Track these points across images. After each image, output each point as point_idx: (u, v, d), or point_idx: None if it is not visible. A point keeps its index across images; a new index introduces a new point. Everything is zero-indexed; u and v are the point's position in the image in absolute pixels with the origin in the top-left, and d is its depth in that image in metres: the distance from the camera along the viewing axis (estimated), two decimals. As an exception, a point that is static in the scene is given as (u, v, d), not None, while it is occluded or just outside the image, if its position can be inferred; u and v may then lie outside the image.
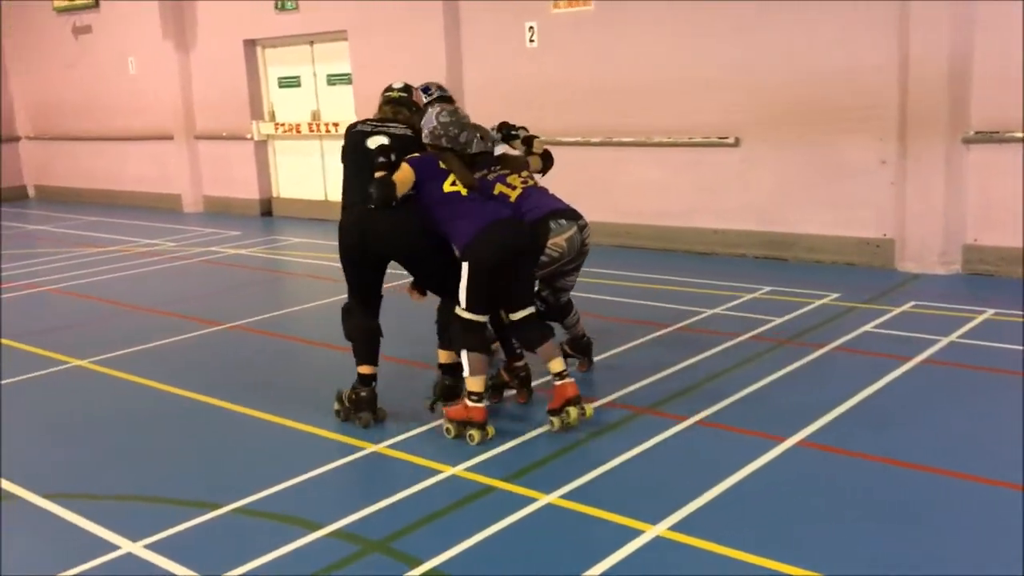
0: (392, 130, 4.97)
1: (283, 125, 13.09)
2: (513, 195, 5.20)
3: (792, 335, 6.18)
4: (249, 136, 13.32)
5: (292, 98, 13.10)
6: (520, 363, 5.18)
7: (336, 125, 12.36)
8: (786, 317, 6.61)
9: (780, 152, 8.41)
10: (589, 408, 4.86)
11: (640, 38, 9.09)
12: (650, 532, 3.67)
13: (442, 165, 4.79)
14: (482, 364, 4.69)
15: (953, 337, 5.94)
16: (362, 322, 5.04)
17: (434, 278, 5.04)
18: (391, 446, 4.68)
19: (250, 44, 13.17)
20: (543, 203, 5.25)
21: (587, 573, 3.40)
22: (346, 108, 12.21)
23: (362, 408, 4.96)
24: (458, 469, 4.34)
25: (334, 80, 12.50)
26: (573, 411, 4.71)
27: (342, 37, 11.95)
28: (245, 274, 9.40)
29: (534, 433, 4.74)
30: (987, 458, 4.21)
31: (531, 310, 4.87)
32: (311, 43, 12.61)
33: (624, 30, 9.18)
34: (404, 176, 4.71)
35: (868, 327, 6.27)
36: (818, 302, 6.99)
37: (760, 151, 8.54)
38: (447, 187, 4.75)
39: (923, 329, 6.13)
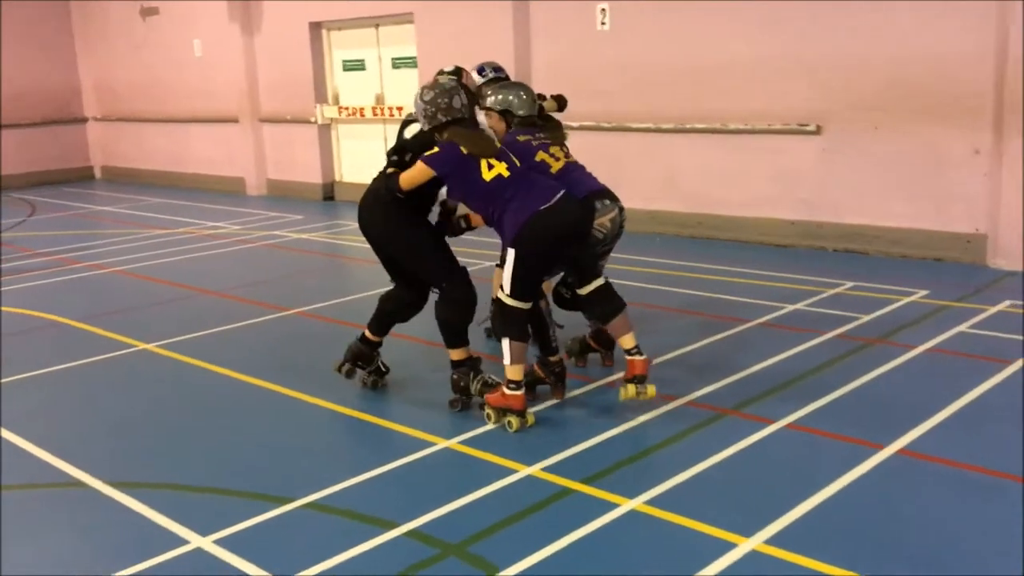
0: None
1: (347, 109, 12.99)
2: (555, 167, 4.97)
3: (882, 334, 5.86)
4: (313, 120, 13.25)
5: (356, 81, 12.99)
6: (555, 358, 4.96)
7: (400, 109, 12.20)
8: (874, 314, 6.28)
9: (864, 141, 8.04)
10: (651, 388, 4.62)
11: (716, 21, 8.76)
12: (743, 545, 3.43)
13: (464, 150, 4.53)
14: (522, 352, 4.56)
15: (1057, 340, 5.58)
16: (386, 301, 5.25)
17: (411, 273, 5.01)
18: (464, 442, 4.49)
19: (315, 27, 13.07)
20: (586, 182, 5.03)
21: (679, 588, 3.19)
22: (410, 92, 12.02)
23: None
24: (534, 469, 4.14)
25: (399, 64, 12.36)
26: (631, 387, 4.58)
27: (408, 20, 11.79)
28: (309, 259, 9.31)
29: (611, 433, 4.52)
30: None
31: (601, 282, 4.75)
32: (376, 26, 12.47)
33: (700, 13, 8.85)
34: (414, 174, 4.59)
35: (963, 327, 5.93)
36: (906, 299, 6.64)
37: (843, 139, 8.17)
38: (488, 175, 4.52)
39: (1021, 331, 5.77)
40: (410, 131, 4.85)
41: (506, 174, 4.53)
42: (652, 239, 9.17)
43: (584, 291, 4.77)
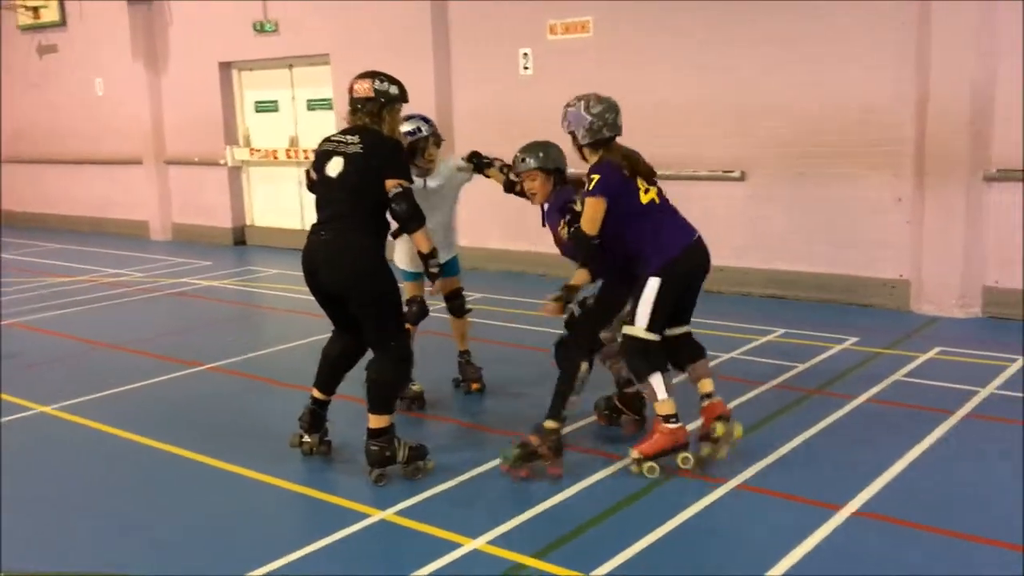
0: (346, 149, 4.42)
1: (259, 151, 12.57)
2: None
3: (820, 384, 5.78)
4: (222, 162, 12.79)
5: (269, 123, 12.60)
6: (631, 390, 4.86)
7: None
8: (809, 363, 6.21)
9: (789, 187, 8.07)
10: (738, 427, 4.57)
11: (641, 67, 8.74)
12: (711, 624, 3.21)
13: (626, 172, 4.38)
14: (670, 382, 4.41)
15: (992, 388, 5.57)
16: (326, 346, 4.84)
17: (374, 326, 4.49)
18: (401, 513, 4.16)
19: (225, 67, 12.67)
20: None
21: None
22: (326, 134, 11.69)
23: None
24: (480, 542, 3.84)
25: (314, 105, 12.03)
26: (720, 426, 4.48)
27: (324, 61, 11.50)
28: (220, 308, 8.85)
29: (561, 497, 4.25)
30: (1067, 531, 3.81)
31: (687, 328, 4.64)
32: (290, 67, 12.14)
33: (624, 58, 8.83)
34: (594, 214, 4.34)
35: (898, 376, 5.90)
36: (838, 347, 6.61)
37: (768, 186, 8.20)
38: (644, 198, 4.42)
39: (957, 379, 5.76)
40: (332, 168, 4.41)
41: (658, 200, 4.46)
42: (579, 286, 9.01)
43: (672, 333, 4.57)
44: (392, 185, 4.34)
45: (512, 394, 5.86)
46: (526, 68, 9.60)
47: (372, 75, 4.59)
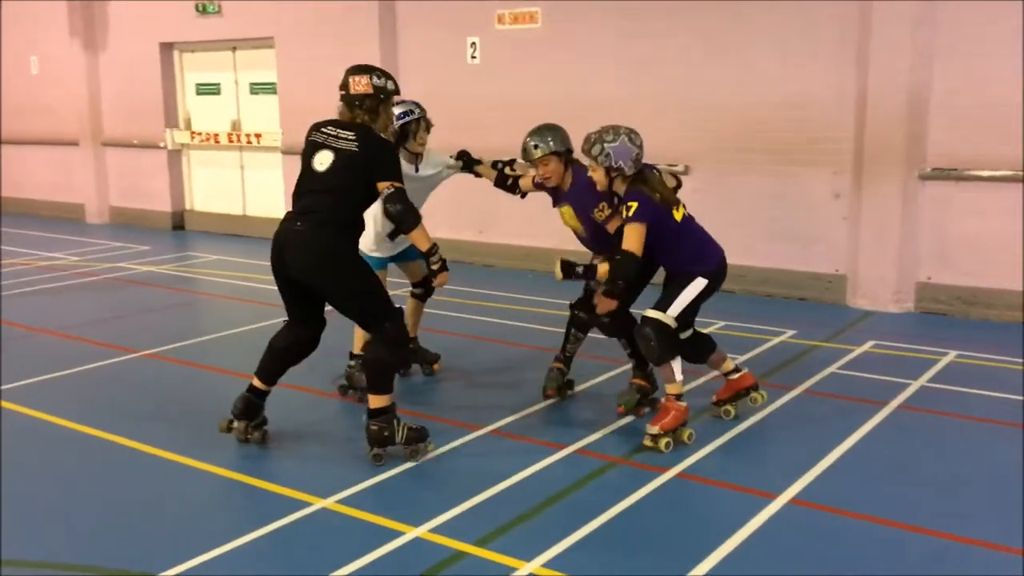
0: (338, 144, 4.41)
1: (200, 134, 12.34)
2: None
3: (758, 375, 5.82)
4: (162, 144, 12.53)
5: (210, 106, 12.37)
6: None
7: (259, 136, 11.70)
8: (748, 355, 6.32)
9: (731, 182, 8.18)
10: (763, 393, 5.23)
11: (589, 59, 8.78)
12: (650, 610, 3.25)
13: (656, 199, 4.61)
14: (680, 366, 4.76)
15: (923, 381, 5.73)
16: (277, 342, 4.74)
17: (358, 316, 4.60)
18: (343, 501, 4.14)
19: (166, 47, 12.41)
20: None
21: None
22: (270, 119, 11.57)
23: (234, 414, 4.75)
24: (422, 530, 3.84)
25: (257, 89, 11.84)
26: (757, 395, 5.19)
27: (268, 44, 11.32)
28: (158, 294, 8.68)
29: (504, 485, 4.27)
30: (984, 520, 3.93)
31: (692, 329, 5.07)
32: (234, 49, 11.93)
33: (572, 50, 8.86)
34: (637, 235, 4.52)
35: (834, 368, 6.03)
36: (776, 339, 6.74)
37: (711, 180, 8.29)
38: (678, 216, 4.73)
39: (890, 372, 5.91)
40: (319, 163, 4.41)
41: (687, 213, 4.81)
42: (525, 276, 9.04)
43: (685, 335, 4.98)
44: (385, 186, 4.34)
45: (459, 383, 5.87)
46: (474, 57, 9.57)
47: (367, 70, 4.56)
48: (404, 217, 4.38)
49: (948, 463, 4.55)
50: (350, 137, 4.40)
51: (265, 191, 11.91)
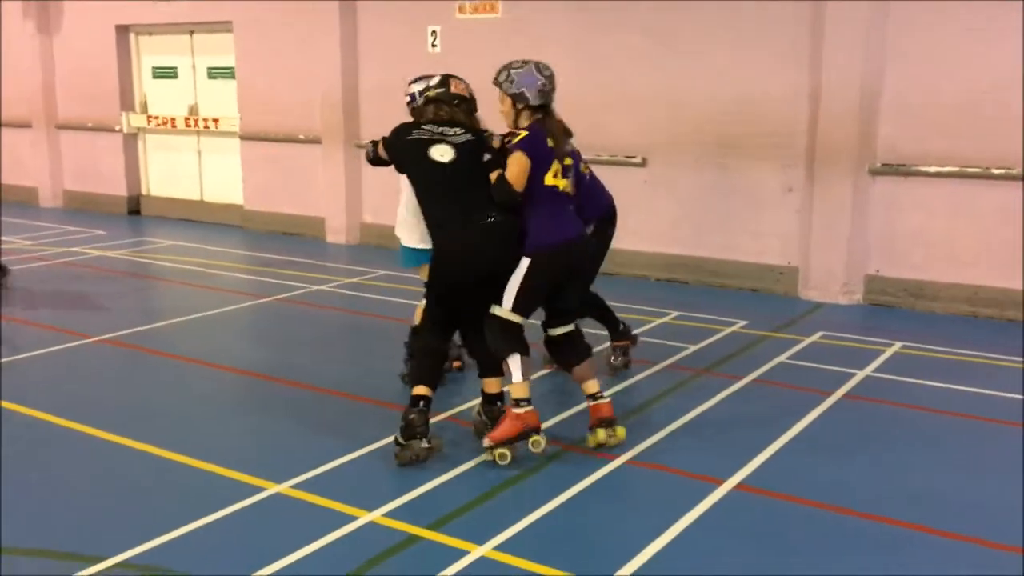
0: (452, 139, 4.46)
1: (156, 118, 12.21)
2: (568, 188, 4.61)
3: (709, 364, 6.01)
4: (118, 128, 12.38)
5: (168, 90, 12.24)
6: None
7: (216, 121, 11.61)
8: (701, 344, 6.44)
9: (687, 174, 8.30)
10: (621, 430, 4.62)
11: (548, 49, 8.77)
12: (597, 591, 3.34)
13: (549, 142, 4.42)
14: (529, 368, 4.45)
15: (868, 371, 5.89)
16: (429, 342, 4.61)
17: (496, 297, 4.49)
18: (297, 486, 4.18)
19: (123, 30, 12.25)
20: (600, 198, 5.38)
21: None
22: (227, 103, 11.48)
23: (411, 433, 4.36)
24: (376, 515, 3.90)
25: (215, 73, 11.74)
26: (601, 432, 4.55)
27: (226, 28, 11.23)
28: (112, 279, 8.60)
29: (457, 471, 4.34)
30: (921, 504, 4.08)
31: (571, 327, 4.68)
32: (191, 33, 11.80)
33: (532, 40, 8.89)
34: (522, 167, 4.34)
35: (782, 358, 6.17)
36: (728, 329, 6.87)
37: (667, 172, 8.41)
38: (548, 179, 4.43)
39: (836, 361, 6.06)
40: (437, 153, 4.40)
41: (561, 188, 4.48)
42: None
43: (554, 333, 4.66)
44: (495, 177, 4.44)
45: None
46: (434, 46, 9.58)
47: (460, 78, 4.72)
48: (506, 201, 4.46)
49: (890, 450, 4.69)
50: (459, 132, 4.48)
51: (222, 176, 11.83)
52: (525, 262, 4.38)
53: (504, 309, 4.41)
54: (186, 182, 12.27)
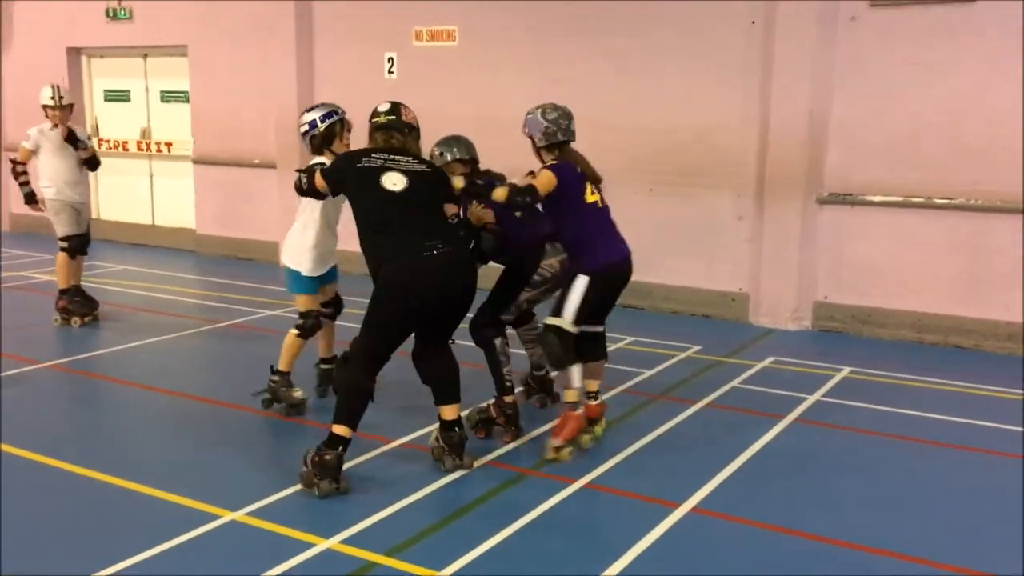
0: (406, 167, 4.46)
1: (108, 141, 12.07)
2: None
3: (664, 389, 6.08)
4: (68, 151, 12.18)
5: (120, 113, 12.11)
6: (510, 398, 5.13)
7: (169, 145, 11.51)
8: (655, 369, 6.52)
9: (642, 201, 8.41)
10: (599, 428, 5.08)
11: (504, 77, 8.94)
12: (556, 615, 3.36)
13: (578, 168, 4.77)
14: (581, 374, 4.84)
15: (818, 396, 6.01)
16: (359, 381, 4.41)
17: (457, 324, 4.68)
18: (252, 513, 4.14)
19: (74, 52, 12.11)
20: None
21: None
22: (181, 127, 11.40)
23: (325, 475, 4.29)
24: (333, 541, 3.88)
25: (169, 97, 11.66)
26: (598, 428, 5.06)
27: (181, 52, 11.17)
28: (62, 304, 8.44)
29: (415, 497, 4.33)
30: (870, 525, 4.17)
31: (601, 328, 5.09)
32: (145, 56, 11.72)
33: (488, 69, 9.01)
34: (548, 182, 4.63)
35: (735, 383, 6.27)
36: (682, 354, 6.96)
37: (623, 198, 8.41)
38: (588, 197, 4.78)
39: (788, 386, 6.18)
40: (389, 181, 4.40)
41: (600, 205, 4.86)
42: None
43: (590, 330, 4.99)
44: (453, 211, 4.67)
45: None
46: (391, 72, 9.63)
47: (407, 106, 4.76)
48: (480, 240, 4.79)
49: (840, 473, 4.79)
50: (412, 161, 4.52)
51: (175, 200, 11.71)
52: (584, 279, 4.71)
53: (565, 320, 4.72)
54: (137, 206, 12.13)
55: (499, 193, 4.63)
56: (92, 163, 7.71)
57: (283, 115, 10.20)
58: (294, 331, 5.49)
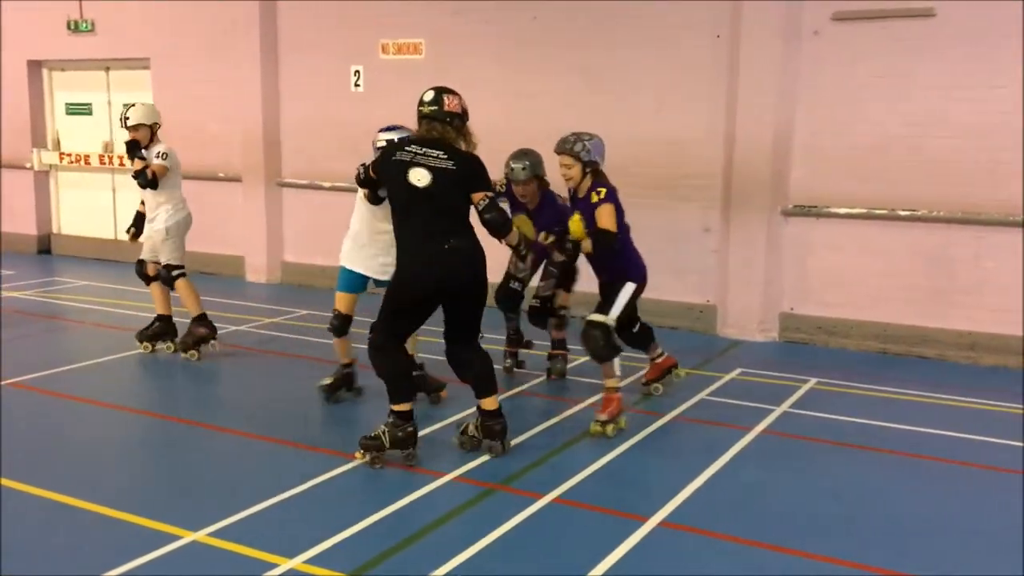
0: (433, 163, 4.68)
1: (69, 155, 11.90)
2: None
3: (634, 402, 6.06)
4: (28, 165, 12.02)
5: (82, 127, 11.95)
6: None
7: (132, 159, 11.33)
8: (624, 382, 6.46)
9: (609, 214, 8.41)
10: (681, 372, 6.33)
11: (471, 91, 8.72)
12: (524, 633, 3.31)
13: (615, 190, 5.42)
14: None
15: (785, 407, 6.02)
16: (399, 361, 4.89)
17: (477, 319, 4.96)
18: (214, 534, 4.06)
19: (35, 65, 11.94)
20: None
21: None
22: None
23: (408, 445, 4.81)
24: (296, 562, 3.80)
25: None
26: (681, 371, 6.38)
27: (143, 65, 11.05)
28: (21, 321, 8.29)
29: (381, 514, 4.27)
30: (837, 537, 4.17)
31: (641, 321, 6.11)
32: (107, 69, 11.57)
33: (455, 82, 8.77)
34: (614, 214, 5.29)
35: (703, 395, 6.27)
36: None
37: (589, 212, 8.50)
38: (624, 220, 5.48)
39: (755, 398, 6.19)
40: (415, 177, 4.65)
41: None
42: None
43: (635, 329, 6.09)
44: (480, 197, 4.73)
45: (341, 408, 5.83)
46: (357, 85, 9.59)
47: (454, 92, 4.93)
48: (502, 223, 4.80)
49: (808, 484, 4.79)
50: (441, 156, 4.69)
51: (138, 215, 11.54)
52: (631, 286, 5.48)
53: (610, 319, 5.41)
54: (99, 221, 11.96)
55: (587, 246, 5.30)
56: (139, 176, 7.18)
57: (248, 128, 10.12)
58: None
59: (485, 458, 4.99)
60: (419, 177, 4.64)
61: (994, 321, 7.11)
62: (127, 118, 7.11)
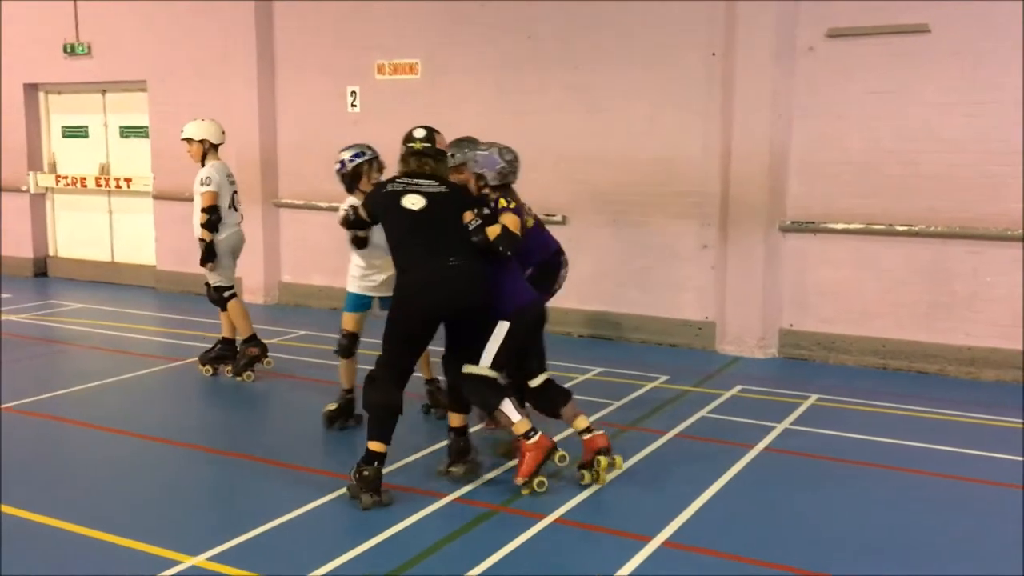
0: (426, 190, 4.75)
1: (66, 178, 11.89)
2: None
3: (633, 420, 6.04)
4: (24, 188, 12.02)
5: (78, 149, 11.95)
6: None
7: (128, 180, 11.37)
8: (624, 400, 6.48)
9: (608, 231, 8.43)
10: (619, 459, 5.02)
11: (467, 110, 8.93)
12: (528, 657, 3.27)
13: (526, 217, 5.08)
14: (517, 405, 4.81)
15: (787, 424, 5.99)
16: (389, 397, 4.67)
17: (475, 338, 4.82)
18: (213, 559, 4.02)
19: (31, 88, 11.96)
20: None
21: None
22: (141, 163, 11.27)
23: (367, 488, 4.54)
24: (297, 585, 3.77)
25: (128, 132, 11.53)
26: (603, 460, 4.86)
27: (140, 87, 11.07)
28: (18, 344, 8.25)
29: (379, 539, 4.23)
30: (842, 553, 4.14)
31: (547, 375, 5.08)
32: (103, 92, 11.59)
33: (451, 102, 8.99)
34: (518, 224, 4.79)
35: (704, 412, 6.25)
36: (650, 384, 6.94)
37: (589, 230, 8.52)
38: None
39: (756, 415, 6.17)
40: (408, 202, 4.69)
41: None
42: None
43: (535, 383, 5.03)
44: (470, 217, 4.74)
45: (337, 431, 5.80)
46: (354, 106, 9.60)
47: (438, 131, 5.03)
48: (484, 248, 4.71)
49: (811, 502, 4.76)
50: (434, 184, 4.78)
51: (135, 237, 11.56)
52: (504, 326, 4.77)
53: (484, 368, 4.76)
54: (96, 243, 11.94)
55: (492, 231, 4.74)
56: (201, 242, 6.86)
57: (245, 149, 10.12)
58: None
59: (485, 479, 4.96)
60: (413, 202, 4.70)
61: (994, 335, 7.10)
62: (183, 131, 7.28)
